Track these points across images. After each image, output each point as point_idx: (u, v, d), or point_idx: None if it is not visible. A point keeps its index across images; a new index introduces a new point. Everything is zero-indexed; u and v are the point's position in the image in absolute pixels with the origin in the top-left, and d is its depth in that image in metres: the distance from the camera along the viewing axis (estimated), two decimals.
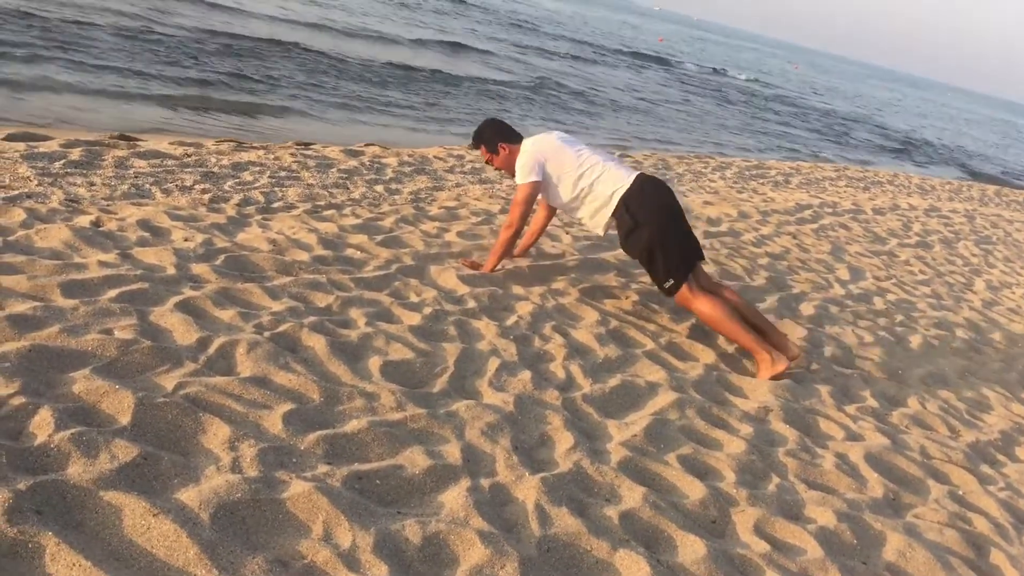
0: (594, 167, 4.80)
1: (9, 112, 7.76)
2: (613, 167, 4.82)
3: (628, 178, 4.74)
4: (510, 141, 5.05)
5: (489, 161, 5.14)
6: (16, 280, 3.52)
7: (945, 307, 7.13)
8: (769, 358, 4.45)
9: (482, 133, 5.14)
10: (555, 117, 15.95)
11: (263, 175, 6.46)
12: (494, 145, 5.06)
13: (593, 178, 4.77)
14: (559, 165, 4.84)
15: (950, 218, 12.47)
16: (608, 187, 4.74)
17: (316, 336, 3.63)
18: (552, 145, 4.92)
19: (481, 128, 5.18)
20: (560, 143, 4.94)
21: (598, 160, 4.85)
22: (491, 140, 5.08)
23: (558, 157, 4.85)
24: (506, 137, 5.07)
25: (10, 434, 2.51)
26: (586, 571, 2.59)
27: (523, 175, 4.86)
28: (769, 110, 29.01)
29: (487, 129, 5.14)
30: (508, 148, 5.03)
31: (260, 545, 2.32)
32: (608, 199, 4.73)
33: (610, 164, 4.85)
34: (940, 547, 3.25)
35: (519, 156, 4.93)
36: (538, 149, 4.89)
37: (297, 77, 13.09)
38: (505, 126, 5.18)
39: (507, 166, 5.05)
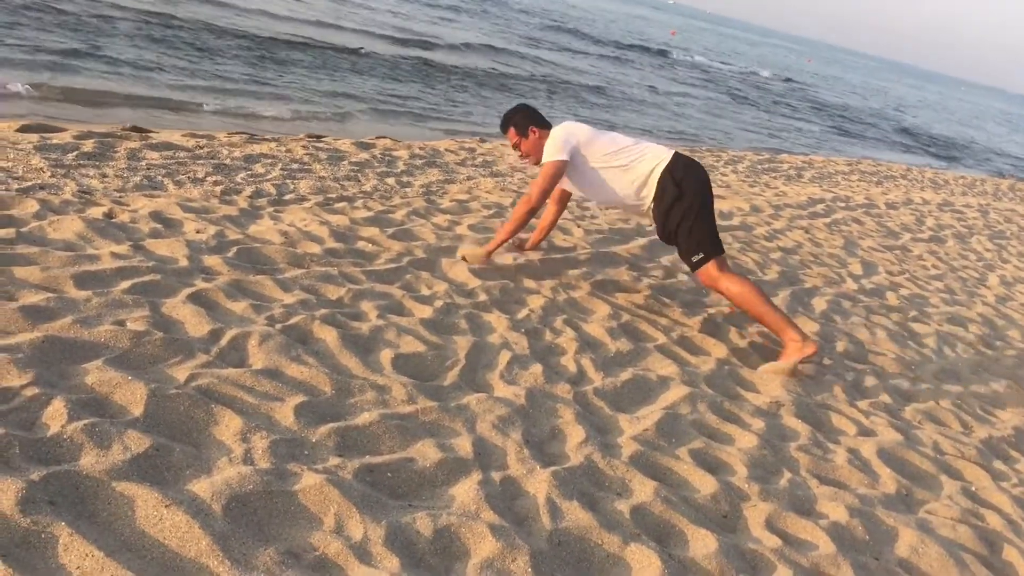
0: (630, 147, 4.78)
1: (27, 104, 7.80)
2: (650, 145, 4.83)
3: (668, 153, 4.74)
4: (540, 126, 4.99)
5: (517, 145, 5.05)
6: (29, 271, 3.53)
7: (958, 302, 7.09)
8: (799, 339, 4.40)
9: (512, 116, 5.06)
10: (572, 111, 15.92)
11: (275, 167, 6.47)
12: (524, 128, 4.98)
13: (631, 157, 4.74)
14: (593, 148, 4.79)
15: (964, 213, 12.40)
16: (648, 163, 4.71)
17: (328, 328, 3.64)
18: (583, 130, 4.87)
19: (512, 111, 5.10)
20: (590, 129, 4.90)
21: (633, 140, 4.85)
22: (522, 123, 5.00)
23: (591, 141, 4.80)
24: (537, 121, 5.01)
25: (23, 425, 2.52)
26: (597, 565, 2.59)
27: (552, 153, 4.77)
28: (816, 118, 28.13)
29: (518, 112, 5.07)
30: (538, 132, 4.96)
31: (272, 537, 2.33)
32: (649, 174, 4.69)
33: (645, 143, 4.85)
34: (953, 543, 3.23)
35: (548, 139, 4.86)
36: (570, 133, 4.83)
37: (306, 70, 13.10)
38: (536, 111, 5.11)
39: (535, 151, 4.96)
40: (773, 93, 32.77)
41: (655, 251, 6.28)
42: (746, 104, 26.11)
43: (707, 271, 4.60)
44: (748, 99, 27.81)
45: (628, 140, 4.85)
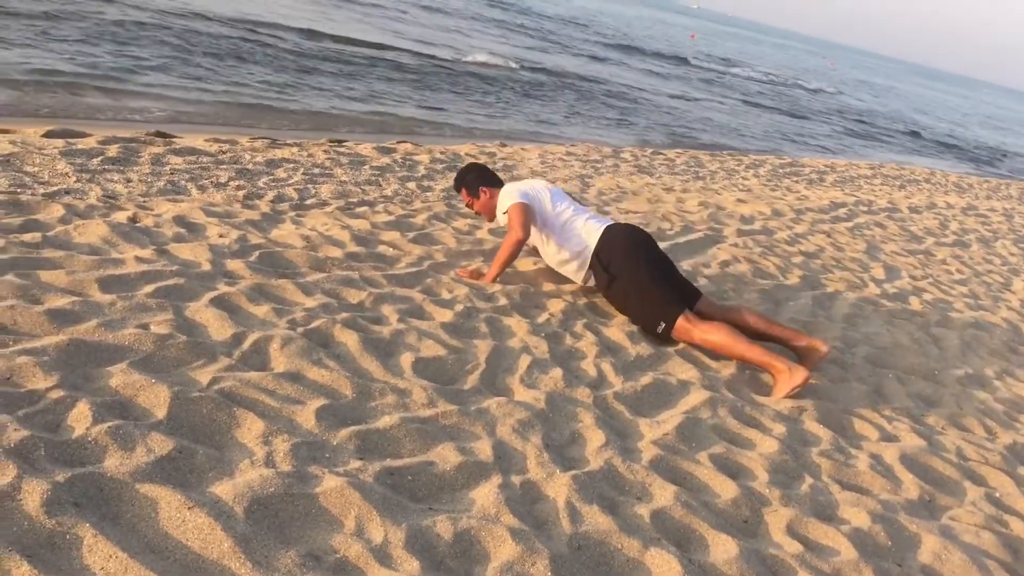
0: (570, 221, 4.77)
1: (50, 108, 7.90)
2: (584, 222, 4.78)
3: (598, 230, 4.70)
4: (491, 185, 5.11)
5: (469, 205, 5.19)
6: (55, 275, 3.57)
7: (983, 307, 7.02)
8: (786, 370, 4.14)
9: (464, 176, 5.18)
10: (587, 114, 15.91)
11: (297, 172, 6.51)
12: (475, 189, 5.11)
13: (566, 233, 4.75)
14: (538, 215, 4.81)
15: (988, 216, 12.29)
16: (579, 244, 4.72)
17: (349, 332, 3.66)
18: (534, 188, 4.90)
19: (463, 171, 5.22)
20: (540, 191, 4.91)
21: (570, 213, 4.81)
22: (472, 184, 5.12)
23: (538, 205, 4.82)
24: (488, 181, 5.12)
25: (49, 427, 2.55)
26: (617, 569, 2.58)
27: (507, 202, 4.79)
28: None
29: (469, 172, 5.17)
30: (489, 192, 5.07)
31: (293, 539, 2.34)
32: (580, 252, 4.72)
33: (581, 218, 4.80)
34: (976, 550, 3.20)
35: (501, 194, 4.92)
36: (519, 189, 4.86)
37: (331, 73, 13.18)
38: (488, 171, 5.21)
39: (487, 210, 5.10)
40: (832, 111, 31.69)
41: (675, 255, 6.26)
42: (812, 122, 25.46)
43: (678, 331, 4.43)
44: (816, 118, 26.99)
45: (566, 213, 4.81)
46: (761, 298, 5.67)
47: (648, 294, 4.50)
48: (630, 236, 4.69)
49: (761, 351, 4.24)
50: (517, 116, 13.72)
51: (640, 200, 8.09)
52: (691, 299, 4.63)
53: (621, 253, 4.60)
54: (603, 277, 4.64)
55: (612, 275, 4.59)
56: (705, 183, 9.96)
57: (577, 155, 10.31)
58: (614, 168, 9.90)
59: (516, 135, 12.10)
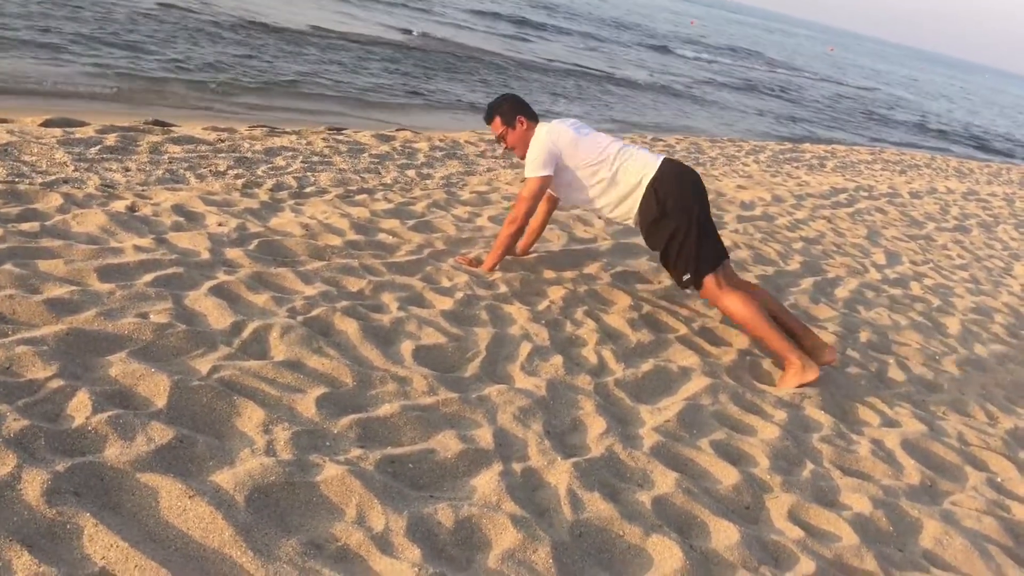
0: (617, 155, 4.45)
1: (45, 94, 7.87)
2: (637, 152, 4.49)
3: (655, 162, 4.40)
4: (528, 117, 4.71)
5: (502, 136, 4.75)
6: (53, 264, 3.56)
7: (983, 292, 7.01)
8: (800, 364, 4.07)
9: (500, 105, 4.76)
10: (588, 100, 15.87)
11: (295, 160, 6.49)
12: (512, 117, 4.68)
13: (617, 166, 4.42)
14: (577, 156, 4.48)
15: (989, 201, 12.27)
16: (634, 174, 4.39)
17: (349, 320, 3.65)
18: (567, 136, 4.52)
19: (499, 100, 4.81)
20: (576, 133, 4.55)
21: (620, 147, 4.51)
22: (509, 112, 4.70)
23: (575, 148, 4.49)
24: (525, 112, 4.73)
25: (48, 416, 2.54)
26: (619, 556, 2.58)
27: (534, 167, 4.50)
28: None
29: (505, 102, 4.77)
30: (526, 123, 4.67)
31: (294, 527, 2.34)
32: (635, 186, 4.38)
33: (632, 149, 4.51)
34: (978, 535, 3.20)
35: (533, 140, 4.56)
36: (553, 140, 4.50)
37: (323, 62, 13.14)
38: (525, 102, 4.82)
39: (521, 143, 4.67)
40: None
41: None
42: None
43: (706, 288, 4.29)
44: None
45: (613, 146, 4.51)
46: (762, 284, 5.66)
47: (691, 242, 4.26)
48: (693, 179, 4.43)
49: (782, 339, 4.14)
50: None
51: None
52: (724, 252, 4.46)
53: (681, 192, 4.33)
54: (653, 210, 4.32)
55: (665, 211, 4.30)
56: (705, 169, 9.93)
57: None
58: None
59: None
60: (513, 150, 4.75)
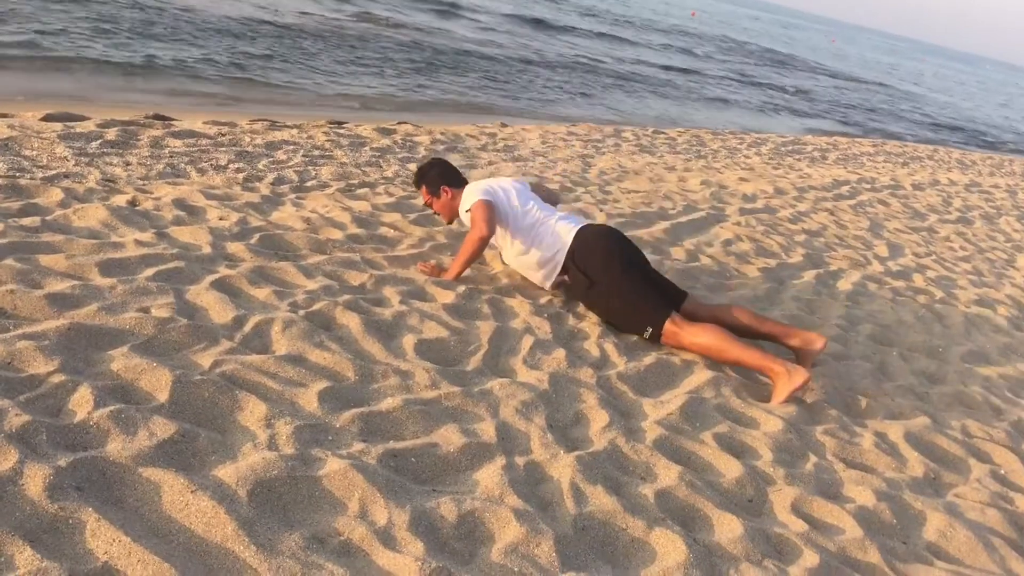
0: (541, 221, 4.42)
1: (47, 90, 7.86)
2: (557, 221, 4.42)
3: (571, 232, 4.33)
4: (453, 185, 4.69)
5: (428, 204, 4.78)
6: (55, 259, 3.56)
7: (986, 284, 7.00)
8: (784, 371, 3.85)
9: (425, 172, 4.75)
10: (593, 95, 15.85)
11: (296, 154, 6.48)
12: (436, 187, 4.68)
13: (535, 234, 4.39)
14: (503, 215, 4.44)
15: (991, 193, 12.24)
16: (551, 246, 4.35)
17: (350, 314, 3.64)
18: (500, 186, 4.53)
19: (426, 166, 4.81)
20: (507, 189, 4.54)
21: (545, 214, 4.46)
22: (434, 181, 4.69)
23: (503, 204, 4.46)
24: (450, 180, 4.71)
25: (50, 411, 2.54)
26: (622, 549, 2.58)
27: (471, 198, 4.43)
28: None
29: (432, 168, 4.77)
30: (451, 192, 4.66)
31: (297, 522, 2.34)
32: (550, 259, 4.37)
33: (552, 219, 4.44)
34: (982, 527, 3.20)
35: (464, 193, 4.57)
36: (483, 187, 4.49)
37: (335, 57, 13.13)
38: (452, 169, 4.80)
39: (447, 211, 4.70)
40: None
41: (678, 235, 6.24)
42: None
43: (666, 336, 4.11)
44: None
45: (535, 212, 4.46)
46: (764, 277, 5.65)
47: (631, 298, 4.18)
48: (607, 238, 4.35)
49: (756, 353, 3.94)
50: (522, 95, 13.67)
51: (642, 179, 8.06)
52: (677, 300, 4.32)
53: (599, 256, 4.27)
54: (582, 281, 4.28)
55: (591, 279, 4.24)
56: (707, 162, 9.92)
57: (578, 135, 10.26)
58: (615, 147, 9.85)
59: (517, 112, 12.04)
60: (440, 215, 4.79)
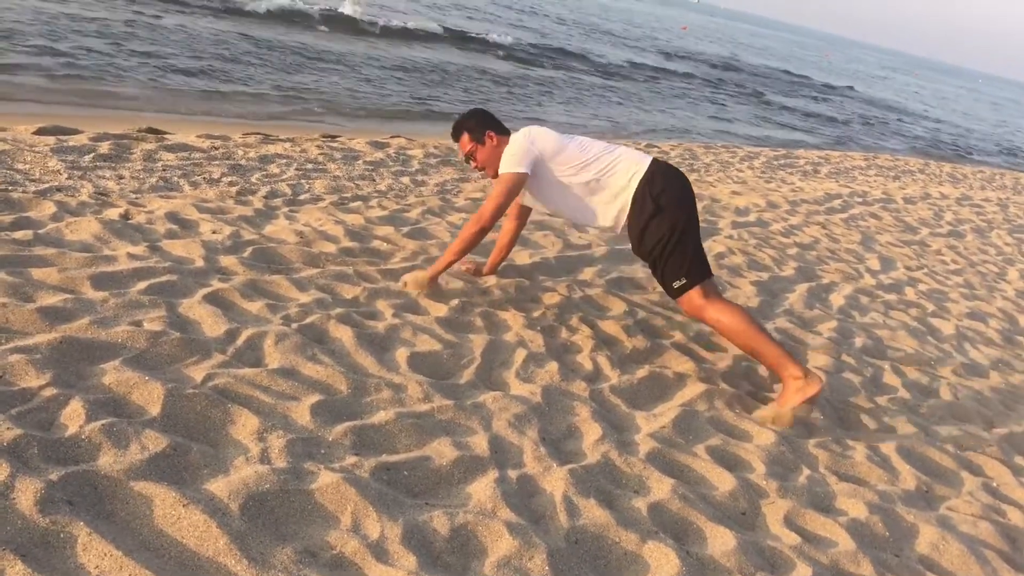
0: (601, 156, 4.10)
1: (42, 102, 7.86)
2: (625, 152, 4.14)
3: (644, 161, 4.06)
4: (499, 132, 4.31)
5: (471, 154, 4.33)
6: (47, 272, 3.55)
7: (978, 297, 7.03)
8: (801, 377, 3.73)
9: (466, 121, 4.37)
10: (580, 103, 15.90)
11: (290, 167, 6.48)
12: (480, 133, 4.28)
13: (602, 170, 4.07)
14: (559, 157, 4.11)
15: (983, 207, 12.30)
16: (623, 175, 4.04)
17: (343, 328, 3.64)
18: (548, 137, 4.17)
19: (466, 115, 4.42)
20: (556, 136, 4.20)
21: (605, 147, 4.17)
22: (477, 128, 4.30)
23: (557, 148, 4.12)
24: (495, 127, 4.33)
25: (41, 425, 2.53)
26: (615, 563, 2.57)
27: (512, 163, 4.08)
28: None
29: (473, 116, 4.38)
30: (496, 139, 4.27)
31: (289, 535, 2.33)
32: (624, 186, 4.03)
33: (621, 150, 4.16)
34: (974, 540, 3.20)
35: (508, 147, 4.16)
36: (533, 140, 4.14)
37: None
38: (493, 116, 4.43)
39: (492, 161, 4.26)
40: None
41: None
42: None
43: (690, 299, 3.92)
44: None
45: (598, 147, 4.16)
46: (757, 290, 5.66)
47: (683, 245, 3.92)
48: (685, 181, 4.09)
49: (777, 350, 3.80)
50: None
51: None
52: (710, 267, 4.11)
53: (675, 190, 3.99)
54: (647, 207, 3.95)
55: (660, 207, 3.93)
56: (699, 175, 9.95)
57: None
58: None
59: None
60: (484, 170, 4.38)
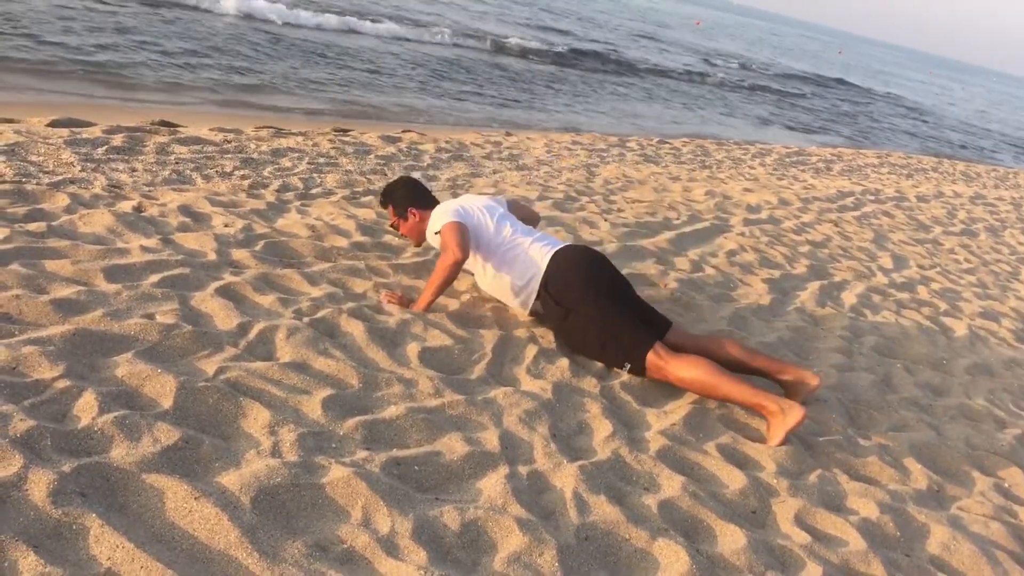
0: (514, 245, 4.08)
1: (53, 95, 7.89)
2: (531, 244, 4.07)
3: (546, 257, 3.99)
4: (421, 206, 4.35)
5: (394, 226, 4.46)
6: (60, 264, 3.57)
7: (991, 296, 6.99)
8: (778, 410, 3.54)
9: (392, 192, 4.44)
10: (601, 98, 15.88)
11: (302, 161, 6.49)
12: (403, 209, 4.36)
13: (509, 258, 4.06)
14: (475, 237, 4.10)
15: (996, 206, 12.23)
16: (525, 272, 4.02)
17: (355, 322, 3.65)
18: (472, 206, 4.21)
19: (392, 186, 4.49)
20: (479, 209, 4.21)
21: (519, 236, 4.12)
22: (400, 202, 4.38)
23: (476, 225, 4.12)
24: (417, 201, 4.37)
25: (55, 417, 2.54)
26: (624, 560, 2.57)
27: (441, 220, 4.07)
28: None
29: (399, 189, 4.44)
30: (419, 214, 4.34)
31: (300, 529, 2.34)
32: (526, 285, 4.03)
33: (527, 240, 4.09)
34: (985, 540, 3.19)
35: (433, 214, 4.22)
36: (453, 207, 4.17)
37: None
38: (420, 188, 4.46)
39: (416, 234, 4.39)
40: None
41: (682, 245, 6.24)
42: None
43: (650, 370, 3.76)
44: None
45: (509, 236, 4.12)
46: (768, 288, 5.65)
47: (609, 330, 3.83)
48: (584, 262, 4.00)
49: (747, 389, 3.61)
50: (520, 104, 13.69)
51: (646, 189, 8.07)
52: (661, 330, 3.99)
53: (575, 283, 3.92)
54: (555, 311, 3.95)
55: (565, 309, 3.90)
56: (711, 172, 9.93)
57: (583, 144, 10.28)
58: (620, 157, 9.86)
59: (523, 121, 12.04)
60: (408, 238, 4.51)
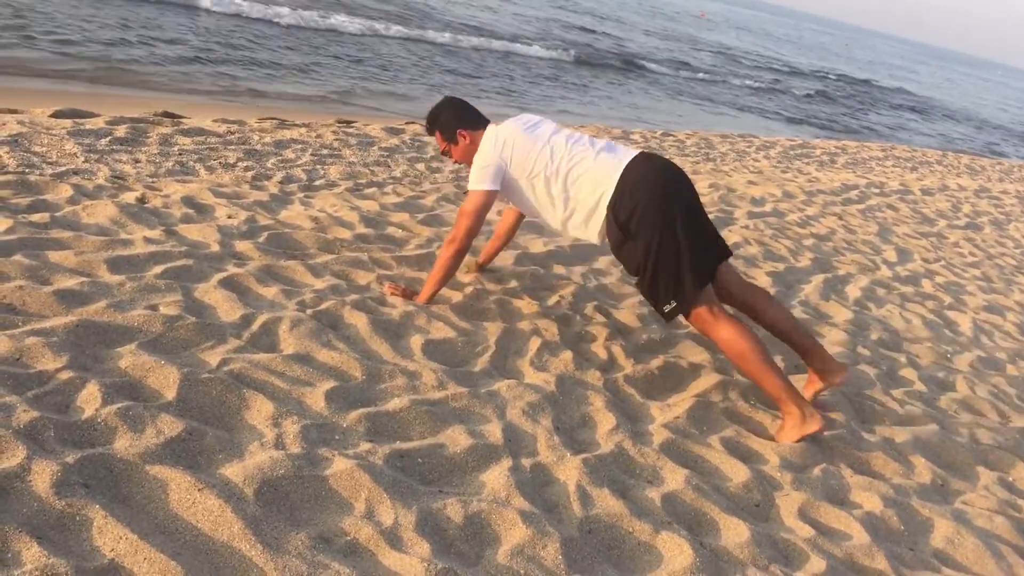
0: (574, 164, 3.69)
1: (57, 90, 7.88)
2: (594, 161, 3.67)
3: (615, 173, 3.59)
4: (472, 127, 3.97)
5: (446, 152, 4.08)
6: (63, 255, 3.56)
7: (995, 290, 6.98)
8: (799, 414, 3.42)
9: (437, 116, 4.05)
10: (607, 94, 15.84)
11: (305, 153, 6.48)
12: (452, 133, 3.98)
13: (573, 179, 3.68)
14: (526, 166, 3.76)
15: (1001, 199, 12.20)
16: (590, 193, 3.65)
17: (358, 314, 3.64)
18: (518, 139, 3.80)
19: (436, 110, 4.09)
20: (527, 135, 3.82)
21: (578, 152, 3.72)
22: (448, 125, 4.00)
23: (525, 154, 3.76)
24: (467, 122, 3.99)
25: (58, 408, 2.54)
26: (628, 553, 2.57)
27: (477, 179, 3.80)
28: None
29: (444, 111, 4.05)
30: (469, 136, 3.96)
31: (303, 521, 2.34)
32: (594, 208, 3.66)
33: (588, 159, 3.68)
34: (989, 534, 3.18)
35: (477, 154, 3.86)
36: (501, 145, 3.80)
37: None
38: (467, 107, 4.08)
39: (467, 156, 3.97)
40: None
41: None
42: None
43: (697, 316, 3.52)
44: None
45: (574, 149, 3.73)
46: (773, 282, 5.63)
47: (669, 268, 3.47)
48: (661, 182, 3.57)
49: (779, 383, 3.44)
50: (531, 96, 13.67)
51: None
52: (721, 256, 3.71)
53: (649, 204, 3.50)
54: (616, 235, 3.59)
55: (629, 234, 3.54)
56: (715, 165, 9.91)
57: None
58: None
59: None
60: (461, 163, 4.15)
